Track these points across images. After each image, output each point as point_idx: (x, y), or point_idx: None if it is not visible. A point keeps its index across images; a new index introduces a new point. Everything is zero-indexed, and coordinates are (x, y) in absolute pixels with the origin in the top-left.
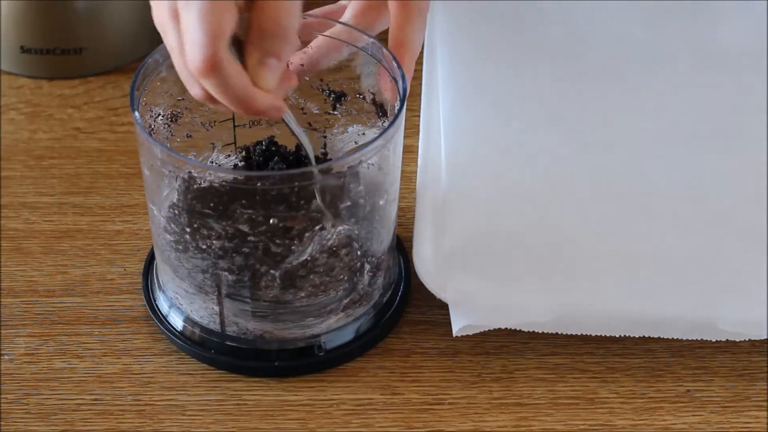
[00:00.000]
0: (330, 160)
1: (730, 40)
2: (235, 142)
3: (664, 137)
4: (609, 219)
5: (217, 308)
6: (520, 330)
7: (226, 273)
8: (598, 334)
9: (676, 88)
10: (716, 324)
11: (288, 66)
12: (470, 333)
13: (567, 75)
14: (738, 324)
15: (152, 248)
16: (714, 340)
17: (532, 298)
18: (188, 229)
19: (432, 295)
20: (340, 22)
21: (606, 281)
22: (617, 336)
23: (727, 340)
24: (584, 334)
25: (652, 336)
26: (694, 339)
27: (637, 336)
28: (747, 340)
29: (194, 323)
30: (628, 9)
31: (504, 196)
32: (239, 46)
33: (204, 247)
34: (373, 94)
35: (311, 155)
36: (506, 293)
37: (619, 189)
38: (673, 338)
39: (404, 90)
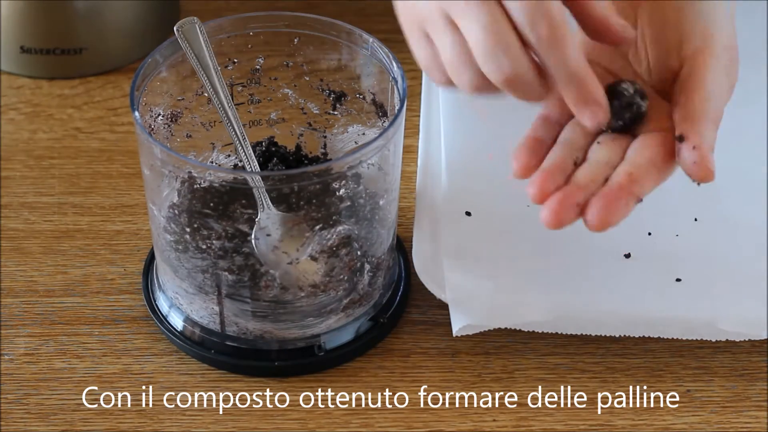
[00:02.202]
0: (330, 160)
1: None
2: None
3: None
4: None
5: (217, 308)
6: (520, 330)
7: (226, 273)
8: (598, 335)
9: None
10: (716, 324)
11: None
12: (470, 333)
13: None
14: (738, 324)
15: (152, 248)
16: (714, 340)
17: (532, 297)
18: (188, 229)
19: (432, 295)
20: None
21: (605, 281)
22: (617, 336)
23: (727, 340)
24: (584, 334)
25: (651, 336)
26: (694, 339)
27: (637, 336)
28: (747, 340)
29: (194, 323)
30: None
31: (504, 195)
32: None
33: (204, 247)
34: (373, 94)
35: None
36: (506, 293)
37: None
38: (673, 338)
39: (404, 90)
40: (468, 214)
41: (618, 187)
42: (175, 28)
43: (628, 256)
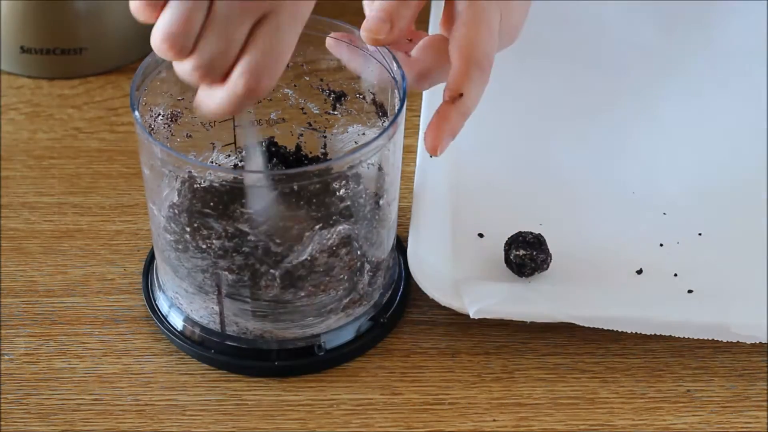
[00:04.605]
0: (330, 160)
1: (739, 41)
2: (235, 142)
3: (673, 142)
4: (618, 225)
5: (217, 308)
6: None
7: (226, 273)
8: (609, 329)
9: (686, 90)
10: (729, 329)
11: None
12: (488, 316)
13: (574, 78)
14: (752, 329)
15: (152, 248)
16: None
17: (540, 301)
18: (188, 229)
19: None
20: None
21: (616, 288)
22: (619, 333)
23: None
24: (588, 331)
25: (663, 334)
26: (707, 339)
27: (649, 333)
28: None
29: (194, 323)
30: (637, 11)
31: (506, 199)
32: None
33: (204, 246)
34: (373, 94)
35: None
36: (511, 294)
37: (627, 194)
38: (673, 338)
39: (404, 90)
40: (480, 236)
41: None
42: None
43: (639, 272)
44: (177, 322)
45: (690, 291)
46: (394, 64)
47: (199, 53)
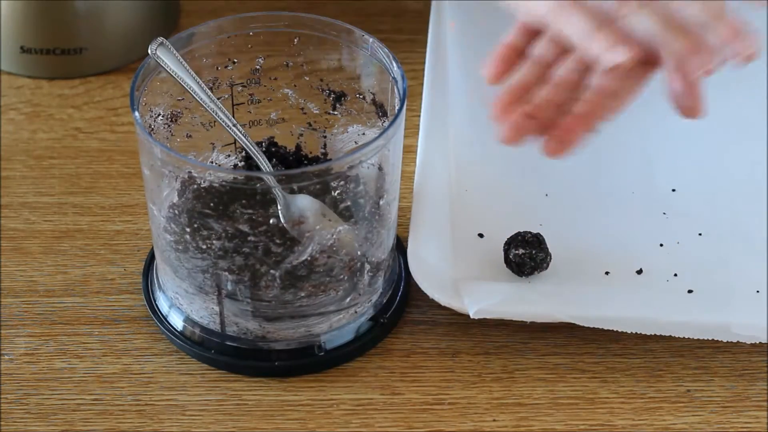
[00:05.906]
0: (330, 160)
1: None
2: (235, 142)
3: (673, 142)
4: (618, 225)
5: (217, 308)
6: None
7: (227, 273)
8: (609, 329)
9: None
10: (730, 329)
11: None
12: (488, 316)
13: None
14: (752, 329)
15: (152, 248)
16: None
17: (540, 301)
18: (188, 229)
19: None
20: None
21: (616, 288)
22: (619, 333)
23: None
24: (589, 331)
25: (663, 334)
26: (707, 339)
27: (649, 333)
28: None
29: (194, 323)
30: None
31: (506, 198)
32: None
33: (204, 247)
34: (373, 94)
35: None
36: (511, 294)
37: (627, 194)
38: (673, 338)
39: (404, 90)
40: (480, 236)
41: (575, 119)
42: (149, 51)
43: (639, 272)
44: (177, 322)
45: (690, 291)
46: (394, 64)
47: None
